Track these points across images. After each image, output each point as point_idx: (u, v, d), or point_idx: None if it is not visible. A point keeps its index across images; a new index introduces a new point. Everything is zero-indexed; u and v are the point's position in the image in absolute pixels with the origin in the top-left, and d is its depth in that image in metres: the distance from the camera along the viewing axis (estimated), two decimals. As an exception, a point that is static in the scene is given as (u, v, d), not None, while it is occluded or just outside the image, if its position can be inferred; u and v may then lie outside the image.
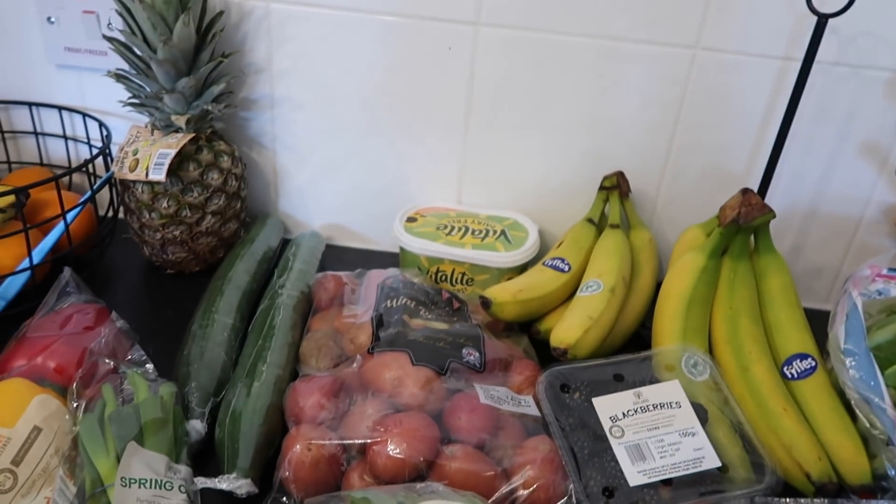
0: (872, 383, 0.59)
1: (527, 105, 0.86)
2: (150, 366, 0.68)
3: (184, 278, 0.89)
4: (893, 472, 0.58)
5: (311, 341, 0.72)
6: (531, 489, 0.57)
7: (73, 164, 0.98)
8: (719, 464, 0.60)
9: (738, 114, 0.83)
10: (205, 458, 0.64)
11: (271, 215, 0.97)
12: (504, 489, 0.57)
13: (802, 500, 0.57)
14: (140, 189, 0.83)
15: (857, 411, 0.60)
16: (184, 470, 0.59)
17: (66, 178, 0.98)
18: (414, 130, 0.90)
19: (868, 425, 0.59)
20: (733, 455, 0.61)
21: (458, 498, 0.48)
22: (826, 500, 0.57)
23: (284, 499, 0.58)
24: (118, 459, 0.56)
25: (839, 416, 0.65)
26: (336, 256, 0.96)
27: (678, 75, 0.82)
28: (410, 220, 0.89)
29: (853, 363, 0.60)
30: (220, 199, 0.86)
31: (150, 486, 0.55)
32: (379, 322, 0.70)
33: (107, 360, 0.63)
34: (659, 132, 0.86)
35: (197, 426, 0.64)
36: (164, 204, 0.83)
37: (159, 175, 0.80)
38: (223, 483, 0.58)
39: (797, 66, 0.74)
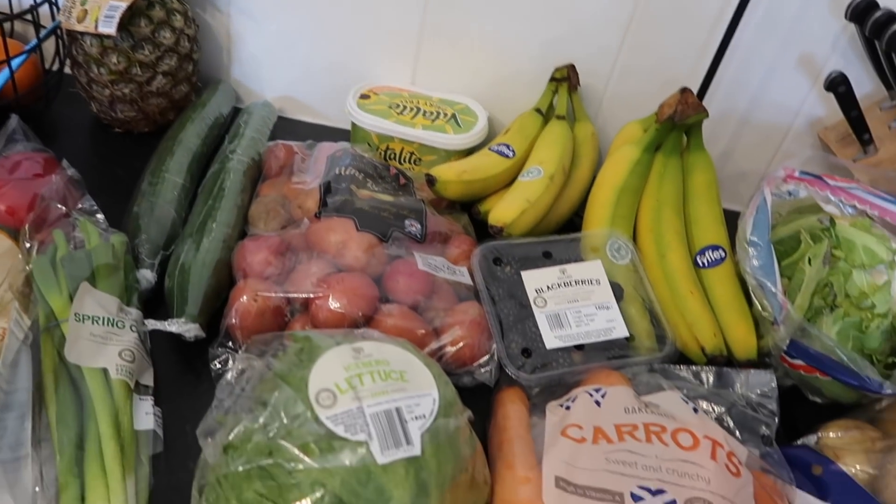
0: (769, 272, 0.66)
1: (488, -11, 0.87)
2: (100, 216, 0.70)
3: (132, 138, 0.89)
4: (775, 350, 0.66)
5: (259, 205, 0.75)
6: (458, 346, 0.64)
7: (15, 10, 0.94)
8: (627, 334, 0.67)
9: (690, 17, 0.86)
10: (154, 306, 0.67)
11: (223, 82, 0.96)
12: (433, 345, 0.63)
13: (694, 368, 0.65)
14: (88, 42, 0.82)
15: (753, 296, 0.68)
16: (134, 312, 0.63)
17: (5, 25, 0.94)
18: (373, 6, 0.89)
19: (760, 308, 0.67)
20: (641, 328, 0.68)
21: (391, 341, 0.53)
22: (714, 368, 0.64)
23: (230, 343, 0.63)
24: (71, 298, 0.60)
25: (738, 300, 0.72)
26: (287, 129, 0.97)
27: (638, -29, 0.83)
28: (364, 97, 0.90)
29: (755, 253, 0.67)
30: (172, 60, 0.85)
31: (103, 324, 0.59)
32: (327, 189, 0.73)
33: (58, 206, 0.65)
34: (614, 29, 0.88)
35: (147, 275, 0.67)
36: (114, 59, 0.82)
37: (109, 28, 0.78)
38: (172, 326, 0.62)
39: (751, -30, 0.76)
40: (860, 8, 0.77)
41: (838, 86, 0.79)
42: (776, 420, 0.61)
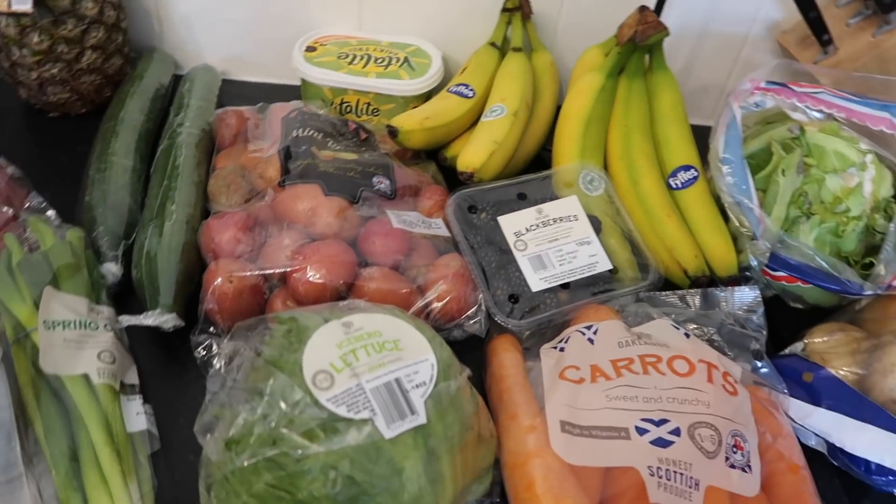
0: (744, 187, 0.66)
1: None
2: (51, 212, 0.66)
3: (70, 121, 0.84)
4: (755, 263, 0.66)
5: (219, 179, 0.72)
6: (444, 301, 0.63)
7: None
8: (610, 267, 0.67)
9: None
10: (125, 299, 0.65)
11: (158, 49, 0.90)
12: (420, 303, 0.62)
13: (679, 292, 0.65)
14: (3, 22, 0.75)
15: (730, 213, 0.68)
16: (106, 310, 0.60)
17: None
18: (306, -51, 0.84)
19: (738, 224, 0.67)
20: (623, 259, 0.68)
21: (379, 310, 0.52)
22: (699, 290, 0.65)
23: (211, 328, 0.61)
24: (36, 305, 0.56)
25: (715, 219, 0.72)
26: (234, 92, 0.92)
27: None
28: (310, 49, 0.86)
29: (729, 170, 0.66)
30: (99, 32, 0.80)
31: (75, 327, 0.56)
32: (287, 155, 0.70)
33: (4, 209, 0.61)
34: (561, -52, 0.84)
35: (112, 269, 0.64)
36: (35, 38, 0.76)
37: (24, 5, 0.72)
38: (148, 319, 0.59)
39: None
40: None
41: (795, -13, 0.77)
42: (764, 333, 0.62)
